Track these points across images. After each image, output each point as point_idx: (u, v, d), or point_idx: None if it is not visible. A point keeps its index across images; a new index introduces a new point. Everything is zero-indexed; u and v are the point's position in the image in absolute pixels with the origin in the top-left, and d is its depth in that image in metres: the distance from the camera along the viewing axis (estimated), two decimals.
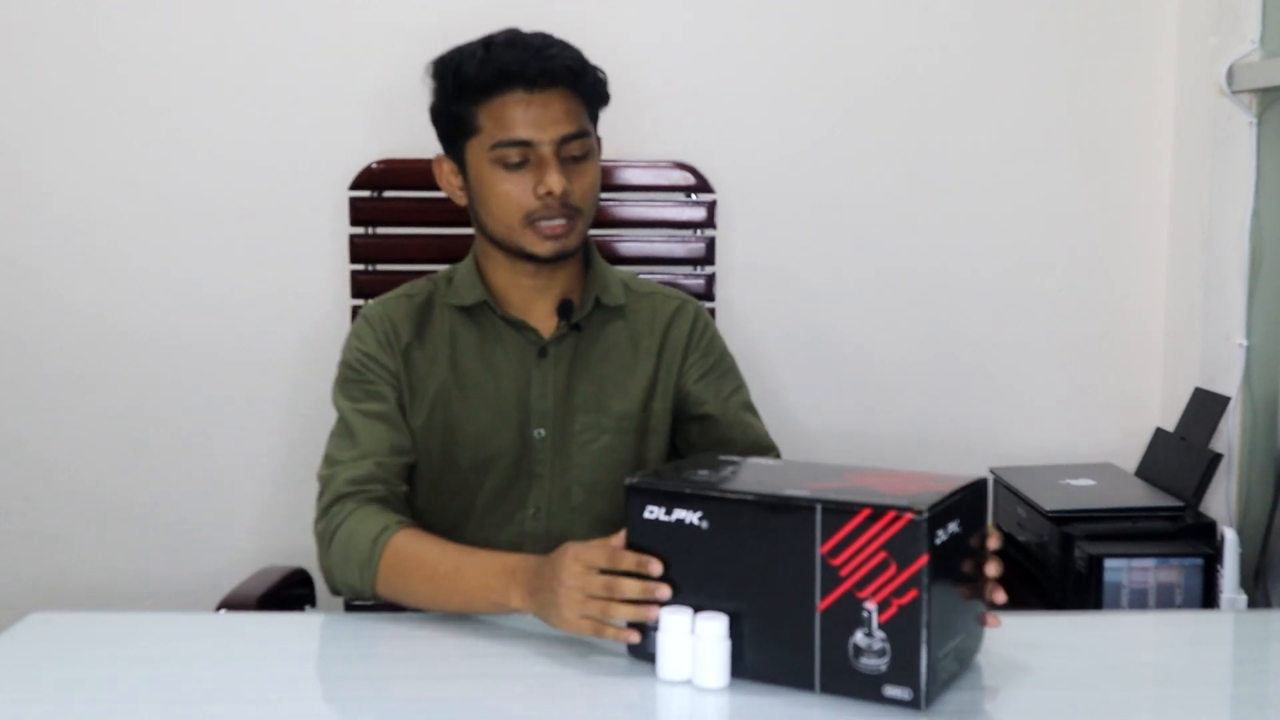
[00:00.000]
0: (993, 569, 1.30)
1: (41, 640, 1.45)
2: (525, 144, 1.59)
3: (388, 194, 2.14)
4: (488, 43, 1.62)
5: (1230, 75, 2.18)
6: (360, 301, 2.12)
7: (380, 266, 2.14)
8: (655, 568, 1.29)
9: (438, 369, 1.69)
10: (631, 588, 1.29)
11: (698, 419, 1.74)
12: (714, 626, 1.25)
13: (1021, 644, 1.45)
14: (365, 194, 2.14)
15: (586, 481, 1.70)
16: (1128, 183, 2.43)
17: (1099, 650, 1.45)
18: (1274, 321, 2.20)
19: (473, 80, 1.60)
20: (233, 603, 1.73)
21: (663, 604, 1.29)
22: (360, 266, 2.14)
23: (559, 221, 1.61)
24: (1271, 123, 2.18)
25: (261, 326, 2.39)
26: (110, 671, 1.36)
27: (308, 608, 1.86)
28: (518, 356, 1.69)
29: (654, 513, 1.29)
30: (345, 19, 2.35)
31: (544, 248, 1.62)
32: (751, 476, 1.33)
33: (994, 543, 1.30)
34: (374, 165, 2.14)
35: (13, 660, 1.40)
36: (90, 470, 2.42)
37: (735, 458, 1.43)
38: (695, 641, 1.26)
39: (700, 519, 1.27)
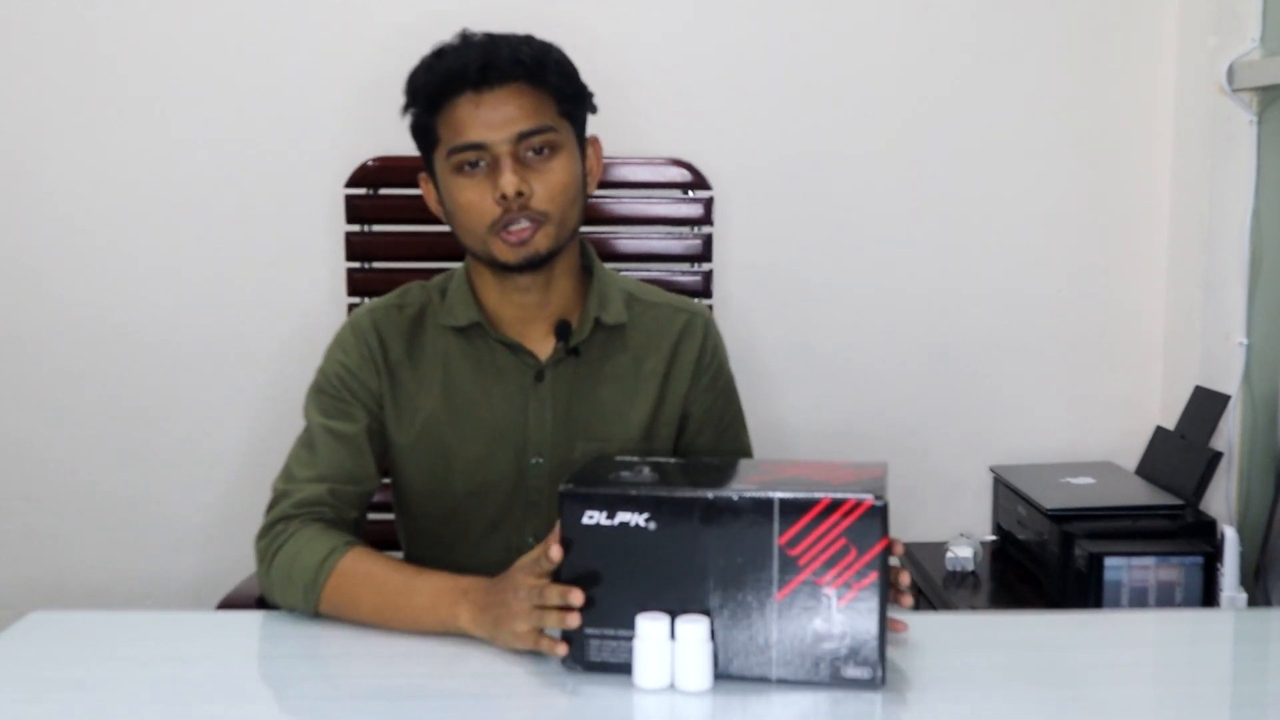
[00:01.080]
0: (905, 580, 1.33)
1: (41, 640, 1.45)
2: (478, 146, 1.51)
3: (384, 191, 2.14)
4: (439, 50, 1.56)
5: (1230, 74, 2.18)
6: (356, 300, 2.12)
7: (376, 264, 2.14)
8: (555, 552, 1.28)
9: (429, 392, 1.62)
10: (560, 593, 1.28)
11: (692, 443, 1.70)
12: (696, 629, 1.25)
13: (1021, 643, 1.46)
14: (361, 191, 2.14)
15: None
16: (1128, 182, 2.43)
17: (1099, 649, 1.45)
18: (1274, 320, 2.19)
19: (424, 89, 1.54)
20: (233, 603, 1.73)
21: (581, 609, 1.27)
22: (356, 264, 2.14)
23: (522, 225, 1.51)
24: (1272, 122, 2.17)
25: (258, 324, 2.39)
26: (110, 671, 1.36)
27: None
28: (514, 381, 1.62)
29: (594, 517, 1.27)
30: (341, 16, 2.34)
31: (510, 255, 1.53)
32: (683, 476, 1.33)
33: (899, 549, 1.29)
34: (369, 162, 2.14)
35: (13, 660, 1.39)
36: (90, 470, 2.42)
37: (635, 457, 1.44)
38: (676, 645, 1.25)
39: (647, 520, 1.26)
